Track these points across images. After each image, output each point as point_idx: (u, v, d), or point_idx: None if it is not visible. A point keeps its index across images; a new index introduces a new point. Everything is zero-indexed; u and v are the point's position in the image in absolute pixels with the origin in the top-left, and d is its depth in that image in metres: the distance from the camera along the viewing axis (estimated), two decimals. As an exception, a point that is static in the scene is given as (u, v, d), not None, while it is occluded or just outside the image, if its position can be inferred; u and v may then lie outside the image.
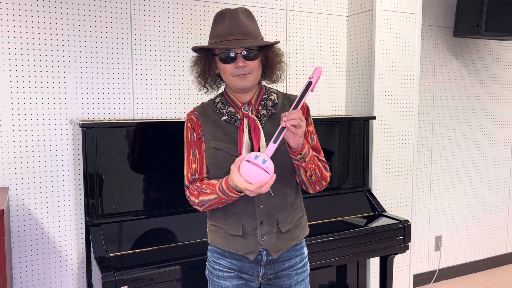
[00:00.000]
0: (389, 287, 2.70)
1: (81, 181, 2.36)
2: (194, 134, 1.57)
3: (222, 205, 1.51)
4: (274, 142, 1.36)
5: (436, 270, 3.74)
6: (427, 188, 3.65)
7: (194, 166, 1.56)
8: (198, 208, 1.54)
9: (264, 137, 1.50)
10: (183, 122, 2.40)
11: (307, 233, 1.67)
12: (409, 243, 2.68)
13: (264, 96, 1.59)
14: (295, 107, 1.39)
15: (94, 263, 2.11)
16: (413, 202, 3.14)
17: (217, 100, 1.61)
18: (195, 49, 1.56)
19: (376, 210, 2.83)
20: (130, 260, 2.05)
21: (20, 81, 2.28)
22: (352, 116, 3.00)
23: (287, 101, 1.61)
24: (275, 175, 1.34)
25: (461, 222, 3.85)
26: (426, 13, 3.46)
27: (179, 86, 2.64)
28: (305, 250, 1.66)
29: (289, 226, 1.57)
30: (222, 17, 1.51)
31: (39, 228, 2.36)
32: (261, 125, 1.52)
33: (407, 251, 2.70)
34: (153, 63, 2.57)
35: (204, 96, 2.70)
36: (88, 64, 2.42)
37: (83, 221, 2.43)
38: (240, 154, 1.48)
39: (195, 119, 1.57)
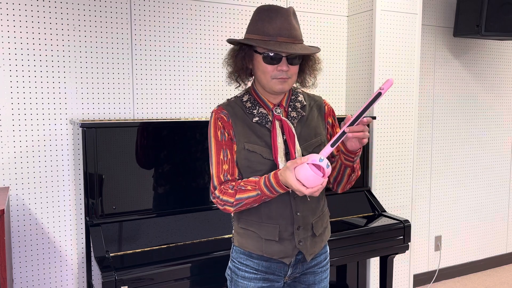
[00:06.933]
0: (389, 287, 2.70)
1: (81, 181, 2.36)
2: (226, 134, 1.49)
3: (258, 204, 1.45)
4: (332, 146, 1.34)
5: (436, 270, 3.74)
6: (427, 188, 3.65)
7: (225, 167, 1.49)
8: (229, 208, 1.46)
9: (298, 142, 1.49)
10: (183, 122, 2.42)
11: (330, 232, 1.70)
12: (409, 243, 2.68)
13: (292, 97, 1.58)
14: (359, 117, 1.37)
15: (94, 263, 2.11)
16: (413, 202, 3.13)
17: (244, 99, 1.54)
18: (235, 42, 1.50)
19: (376, 210, 2.83)
20: (130, 260, 2.05)
21: (20, 81, 2.28)
22: (352, 116, 3.00)
23: (313, 102, 1.61)
24: (326, 179, 1.32)
25: (461, 222, 3.85)
26: (426, 13, 3.46)
27: (179, 86, 2.64)
28: (328, 247, 1.68)
29: (321, 229, 1.59)
30: (270, 14, 1.44)
31: (39, 228, 2.36)
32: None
33: (407, 251, 2.70)
34: (153, 63, 2.57)
35: (203, 96, 2.71)
36: (88, 64, 2.42)
37: (83, 221, 2.43)
38: (276, 158, 1.45)
39: (225, 118, 1.50)
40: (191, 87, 2.67)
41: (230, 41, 1.51)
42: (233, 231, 1.63)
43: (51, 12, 2.32)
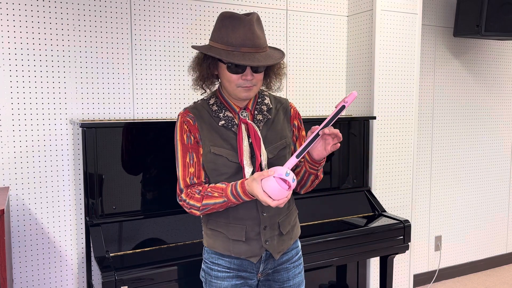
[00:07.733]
0: (389, 287, 2.70)
1: (81, 181, 2.36)
2: (192, 138, 1.52)
3: (223, 209, 1.49)
4: (297, 157, 1.37)
5: (436, 270, 3.74)
6: (427, 188, 3.65)
7: (191, 170, 1.52)
8: (195, 212, 1.50)
9: (263, 144, 1.51)
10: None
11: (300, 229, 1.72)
12: (409, 243, 2.68)
13: (259, 100, 1.60)
14: (326, 126, 1.38)
15: (94, 263, 2.11)
16: (413, 202, 3.14)
17: (211, 102, 1.57)
18: (198, 50, 1.50)
19: (376, 210, 2.83)
20: (130, 260, 2.05)
21: (20, 81, 2.28)
22: (352, 116, 3.00)
23: (280, 104, 1.63)
24: (291, 191, 1.35)
25: (461, 222, 3.86)
26: (426, 13, 3.46)
27: (179, 86, 2.64)
28: (299, 243, 1.70)
29: (288, 227, 1.61)
30: (233, 22, 1.43)
31: (39, 228, 2.36)
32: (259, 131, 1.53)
33: (407, 251, 2.70)
34: (153, 63, 2.57)
35: (203, 96, 2.70)
36: (88, 64, 2.42)
37: (83, 221, 2.43)
38: (241, 161, 1.48)
39: (191, 122, 1.52)
40: (191, 87, 2.67)
41: (195, 48, 1.51)
42: (202, 232, 1.65)
43: (51, 12, 2.32)
